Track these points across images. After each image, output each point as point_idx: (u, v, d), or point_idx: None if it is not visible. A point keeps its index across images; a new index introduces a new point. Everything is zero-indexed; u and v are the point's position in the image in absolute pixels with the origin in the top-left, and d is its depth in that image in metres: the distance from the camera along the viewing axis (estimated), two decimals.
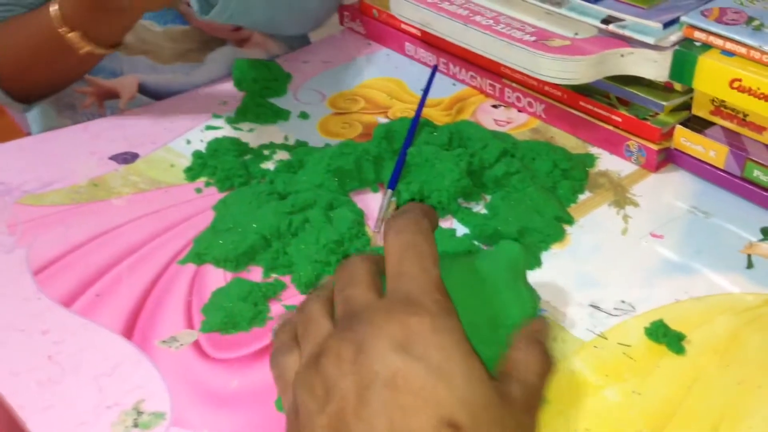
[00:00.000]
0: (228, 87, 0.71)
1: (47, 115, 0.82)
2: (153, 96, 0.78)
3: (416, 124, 0.60)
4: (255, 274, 0.50)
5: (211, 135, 0.64)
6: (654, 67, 0.56)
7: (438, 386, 0.29)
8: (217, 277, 0.50)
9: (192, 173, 0.60)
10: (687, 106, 0.57)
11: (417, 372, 0.29)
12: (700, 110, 0.56)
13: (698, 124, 0.56)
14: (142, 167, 0.61)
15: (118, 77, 0.77)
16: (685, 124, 0.57)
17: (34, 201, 0.58)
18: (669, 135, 0.58)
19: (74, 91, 0.79)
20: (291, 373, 0.35)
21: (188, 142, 0.64)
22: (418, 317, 0.30)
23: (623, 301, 0.47)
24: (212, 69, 0.79)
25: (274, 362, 0.37)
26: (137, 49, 0.76)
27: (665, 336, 0.43)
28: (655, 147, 0.58)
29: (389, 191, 0.55)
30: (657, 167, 0.58)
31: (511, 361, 0.34)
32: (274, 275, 0.50)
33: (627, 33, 0.57)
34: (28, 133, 0.86)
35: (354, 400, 0.29)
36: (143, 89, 0.78)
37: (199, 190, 0.58)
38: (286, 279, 0.50)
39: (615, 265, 0.50)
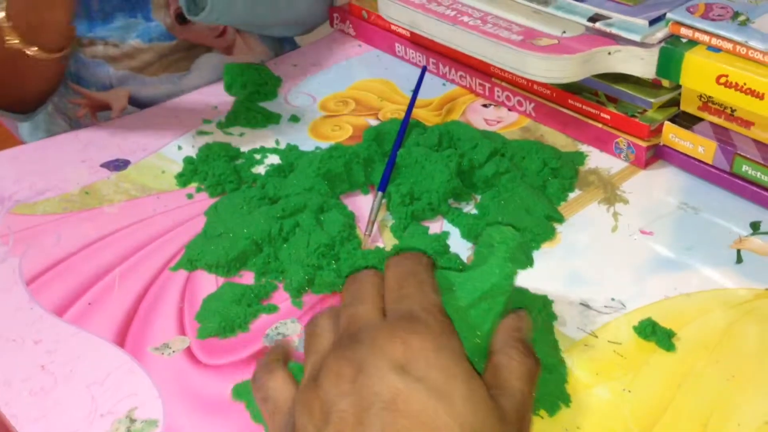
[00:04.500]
0: (218, 92, 0.71)
1: (39, 124, 0.83)
2: (144, 107, 0.78)
3: (406, 125, 0.60)
4: (247, 279, 0.50)
5: (202, 140, 0.64)
6: (641, 64, 0.56)
7: (439, 409, 0.28)
8: (209, 284, 0.50)
9: (183, 179, 0.60)
10: (675, 102, 0.57)
11: (417, 394, 0.28)
12: (688, 106, 0.56)
13: (687, 121, 0.57)
14: (133, 174, 0.61)
15: (108, 90, 0.77)
16: (673, 120, 0.57)
17: (26, 210, 0.58)
18: (658, 132, 0.58)
19: (67, 102, 0.79)
20: (279, 394, 0.34)
21: (179, 147, 0.64)
22: (419, 336, 0.30)
23: (613, 299, 0.47)
24: (200, 76, 0.79)
25: (257, 384, 0.36)
26: (126, 66, 0.76)
27: (654, 333, 0.43)
28: (644, 144, 0.58)
29: (379, 193, 0.55)
30: (646, 164, 0.58)
31: (494, 368, 0.33)
32: (265, 280, 0.50)
33: (614, 31, 0.57)
34: (22, 142, 0.86)
35: (352, 422, 0.28)
36: (134, 101, 0.78)
37: (190, 196, 0.58)
38: (279, 283, 0.50)
39: (605, 262, 0.50)
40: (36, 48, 0.63)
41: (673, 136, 0.57)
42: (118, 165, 0.62)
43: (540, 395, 0.39)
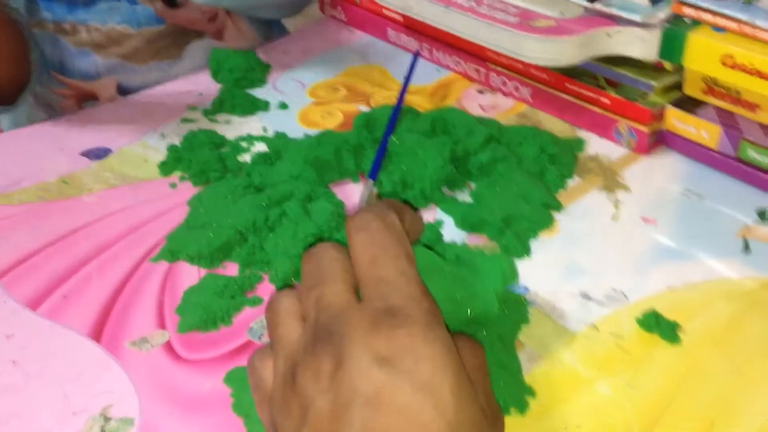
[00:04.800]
0: (205, 78, 0.69)
1: (21, 117, 0.80)
2: None
3: (398, 111, 0.58)
4: (230, 270, 0.48)
5: (187, 128, 0.62)
6: (642, 46, 0.54)
7: (425, 404, 0.26)
8: (190, 275, 0.48)
9: (166, 168, 0.58)
10: (678, 85, 0.55)
11: (402, 388, 0.26)
12: (691, 90, 0.54)
13: (690, 104, 0.54)
14: (114, 163, 0.59)
15: (96, 80, 0.75)
16: (676, 104, 0.55)
17: (2, 200, 0.55)
18: (660, 116, 0.56)
19: (51, 92, 0.77)
20: (266, 384, 0.32)
21: (163, 136, 0.62)
22: (406, 329, 0.27)
23: (615, 290, 0.45)
24: (191, 63, 0.77)
25: (251, 369, 0.34)
26: (113, 54, 0.74)
27: (658, 326, 0.41)
28: (645, 129, 0.55)
29: (370, 181, 0.53)
30: (648, 150, 0.56)
31: None
32: (250, 271, 0.48)
33: (613, 11, 0.55)
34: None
35: (330, 419, 0.26)
36: (123, 90, 0.76)
37: (173, 185, 0.56)
38: (264, 275, 0.48)
39: (606, 252, 0.48)
40: None
41: (677, 120, 0.55)
42: (98, 153, 0.60)
43: (502, 393, 0.37)
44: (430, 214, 0.52)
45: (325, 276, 0.31)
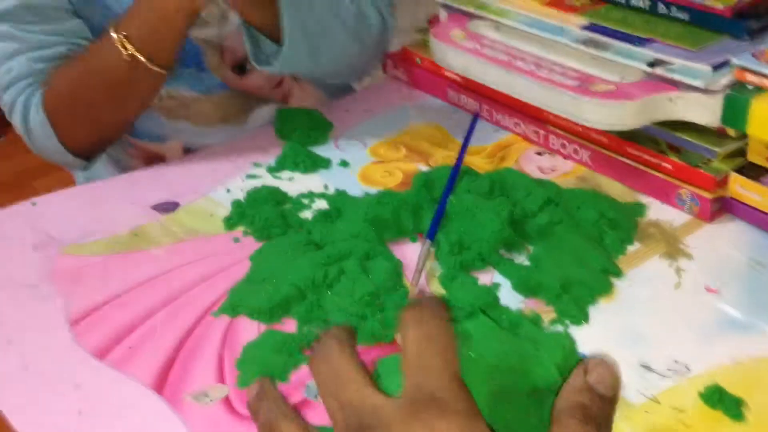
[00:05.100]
0: (270, 136, 0.71)
1: (94, 169, 0.83)
2: None
3: (457, 172, 0.59)
4: (289, 326, 0.49)
5: (252, 184, 0.64)
6: (704, 111, 0.54)
7: None
8: (251, 330, 0.49)
9: (230, 223, 0.60)
10: (742, 152, 0.55)
11: None
12: (755, 156, 0.53)
13: (754, 171, 0.54)
14: (182, 217, 0.61)
15: (163, 142, 0.78)
16: (740, 171, 0.54)
17: (76, 251, 0.58)
18: (723, 183, 0.55)
19: (122, 153, 0.80)
20: None
21: (228, 191, 0.64)
22: (446, 420, 0.27)
23: (677, 361, 0.44)
24: (256, 127, 0.79)
25: (266, 414, 0.32)
26: (180, 115, 0.76)
27: (722, 401, 0.40)
28: (708, 195, 0.55)
29: (428, 241, 0.53)
30: (711, 217, 0.55)
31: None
32: (308, 328, 0.49)
33: (675, 76, 0.55)
34: None
35: None
36: (187, 152, 0.78)
37: (236, 240, 0.58)
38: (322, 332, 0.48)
39: (667, 321, 0.47)
40: (149, 60, 0.64)
41: (740, 187, 0.54)
42: (167, 207, 0.62)
43: None
44: (487, 277, 0.52)
45: (343, 378, 0.30)
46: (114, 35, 0.64)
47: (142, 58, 0.64)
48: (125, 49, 0.64)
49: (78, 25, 0.69)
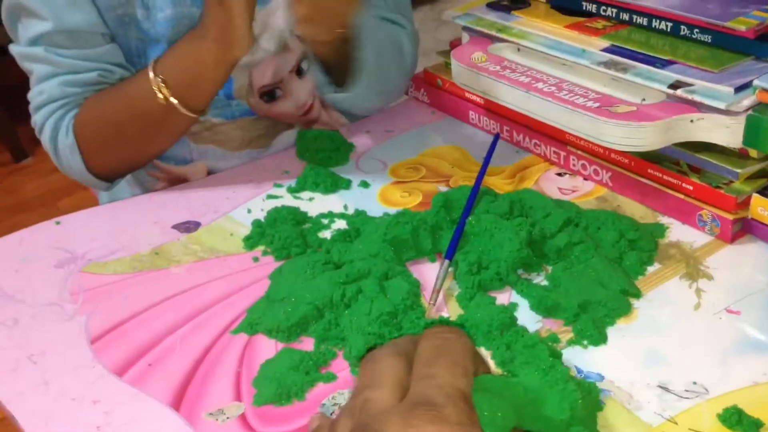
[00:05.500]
0: (291, 156, 0.72)
1: (118, 194, 0.84)
2: None
3: (476, 192, 0.59)
4: (306, 345, 0.49)
5: (272, 204, 0.65)
6: (726, 133, 0.54)
7: None
8: (268, 348, 0.49)
9: (250, 242, 0.60)
10: (764, 173, 0.54)
11: None
12: None
13: None
14: (202, 236, 0.62)
15: (188, 164, 0.79)
16: (762, 192, 0.54)
17: (98, 269, 0.59)
18: (745, 204, 0.54)
19: (146, 174, 0.81)
20: None
21: (249, 211, 0.64)
22: (435, 427, 0.27)
23: (695, 383, 0.43)
24: (280, 149, 0.79)
25: None
26: (207, 140, 0.77)
27: (740, 423, 0.39)
28: (730, 217, 0.54)
29: (446, 261, 0.53)
30: (733, 238, 0.55)
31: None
32: (324, 347, 0.49)
33: (696, 98, 0.54)
34: None
35: None
36: (211, 174, 0.79)
37: (256, 259, 0.58)
38: (339, 351, 0.48)
39: (687, 342, 0.46)
40: (183, 106, 0.65)
41: (762, 209, 0.53)
42: (188, 227, 0.63)
43: None
44: (505, 297, 0.52)
45: (377, 381, 0.31)
46: (152, 75, 0.65)
47: (176, 102, 0.65)
48: (161, 93, 0.65)
49: (111, 49, 0.71)
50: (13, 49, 0.71)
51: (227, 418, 0.45)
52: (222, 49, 0.63)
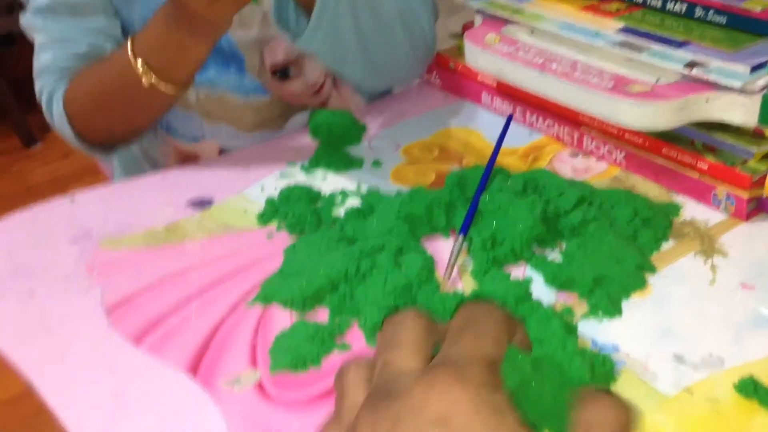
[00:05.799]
0: (304, 136, 0.72)
1: (130, 166, 0.85)
2: None
3: (490, 170, 0.59)
4: (322, 316, 0.49)
5: (285, 182, 0.65)
6: (742, 112, 0.54)
7: None
8: (283, 320, 0.50)
9: (264, 219, 0.60)
10: None
11: None
12: None
13: None
14: (216, 213, 0.62)
15: (198, 141, 0.79)
16: None
17: (112, 244, 0.59)
18: (760, 183, 0.54)
19: (157, 151, 0.81)
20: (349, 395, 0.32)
21: (262, 188, 0.65)
22: (461, 386, 0.27)
23: (711, 354, 0.43)
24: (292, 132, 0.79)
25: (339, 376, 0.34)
26: (219, 117, 0.77)
27: (756, 392, 0.39)
28: (745, 195, 0.54)
29: (461, 236, 0.53)
30: (747, 216, 0.55)
31: (579, 427, 0.28)
32: (339, 319, 0.49)
33: (712, 77, 0.54)
34: None
35: None
36: (224, 153, 0.79)
37: (270, 236, 0.58)
38: (354, 321, 0.49)
39: (702, 316, 0.46)
40: (167, 83, 0.64)
41: None
42: (202, 203, 0.63)
43: None
44: (519, 271, 0.52)
45: (398, 342, 0.31)
46: (131, 56, 0.63)
47: (156, 80, 0.64)
48: (144, 74, 0.63)
49: (108, 24, 0.70)
50: (21, 20, 0.72)
51: (243, 385, 0.45)
52: (202, 32, 0.61)
